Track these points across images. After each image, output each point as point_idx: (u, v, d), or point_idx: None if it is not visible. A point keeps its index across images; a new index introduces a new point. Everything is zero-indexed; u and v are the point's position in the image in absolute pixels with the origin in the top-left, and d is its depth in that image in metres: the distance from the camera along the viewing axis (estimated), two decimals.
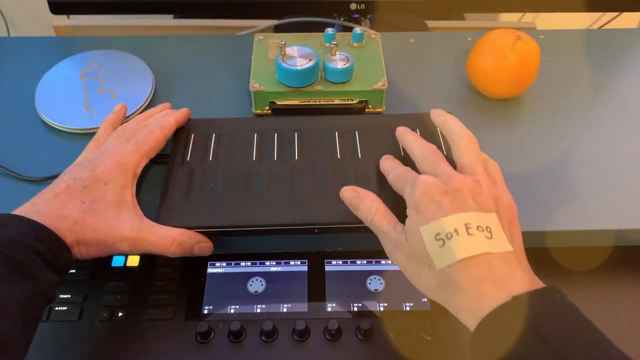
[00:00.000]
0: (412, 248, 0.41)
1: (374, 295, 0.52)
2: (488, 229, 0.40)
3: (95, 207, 0.46)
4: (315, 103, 0.60)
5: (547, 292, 0.38)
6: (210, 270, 0.54)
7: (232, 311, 0.51)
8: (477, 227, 0.40)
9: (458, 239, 0.39)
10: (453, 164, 0.46)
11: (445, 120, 0.50)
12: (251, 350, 0.48)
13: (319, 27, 0.81)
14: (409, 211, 0.43)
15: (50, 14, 0.76)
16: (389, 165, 0.49)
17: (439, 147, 0.54)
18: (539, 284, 0.39)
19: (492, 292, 0.38)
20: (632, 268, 0.54)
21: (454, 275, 0.39)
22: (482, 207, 0.41)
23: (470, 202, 0.41)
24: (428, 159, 0.46)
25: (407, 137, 0.50)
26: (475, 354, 0.39)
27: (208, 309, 0.51)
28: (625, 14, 0.91)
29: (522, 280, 0.38)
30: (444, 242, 0.39)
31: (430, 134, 0.56)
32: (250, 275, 0.53)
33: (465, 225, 0.40)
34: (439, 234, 0.40)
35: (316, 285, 0.53)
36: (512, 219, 0.43)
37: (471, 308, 0.39)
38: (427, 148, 0.47)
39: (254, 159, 0.54)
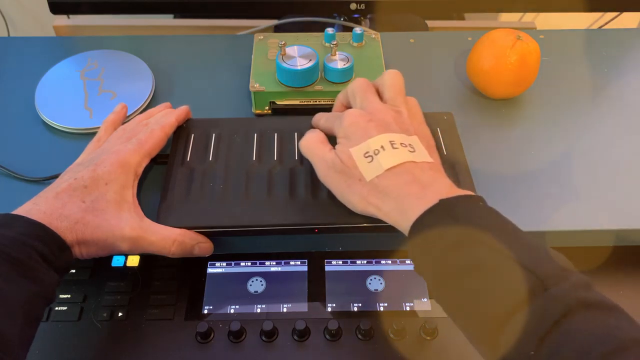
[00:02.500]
0: (344, 165, 0.45)
1: (374, 295, 0.52)
2: (410, 146, 0.45)
3: (96, 206, 0.46)
4: (315, 103, 0.60)
5: (473, 198, 0.42)
6: (210, 270, 0.54)
7: (232, 311, 0.51)
8: (401, 144, 0.45)
9: (385, 153, 0.44)
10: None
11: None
12: (251, 350, 0.48)
13: (319, 27, 0.81)
14: (339, 140, 0.47)
15: (50, 14, 0.76)
16: (318, 115, 0.54)
17: (439, 146, 0.55)
18: (457, 188, 0.43)
19: (417, 192, 0.42)
20: (632, 268, 0.54)
21: (383, 183, 0.44)
22: (404, 132, 0.46)
23: (394, 126, 0.46)
24: (360, 87, 0.50)
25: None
26: (412, 248, 0.42)
27: (208, 309, 0.51)
28: (625, 14, 0.91)
29: (444, 183, 0.43)
30: (372, 158, 0.44)
31: (431, 133, 0.56)
32: (250, 275, 0.53)
33: (390, 142, 0.45)
34: (367, 152, 0.45)
35: (316, 285, 0.53)
36: (430, 145, 0.48)
37: (399, 208, 0.43)
38: (360, 79, 0.51)
39: (254, 159, 0.54)
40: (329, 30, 0.63)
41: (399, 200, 0.43)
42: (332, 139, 0.50)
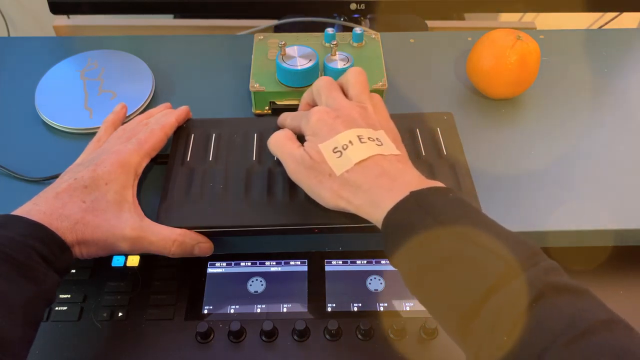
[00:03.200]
0: (313, 161, 0.46)
1: (374, 295, 0.52)
2: (378, 140, 0.46)
3: (96, 206, 0.46)
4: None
5: (443, 189, 0.43)
6: (210, 270, 0.54)
7: (232, 311, 0.51)
8: (369, 138, 0.45)
9: (353, 147, 0.45)
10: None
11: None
12: (251, 350, 0.48)
13: (319, 27, 0.81)
14: (307, 138, 0.48)
15: (50, 14, 0.76)
16: (283, 115, 0.55)
17: (439, 147, 0.55)
18: (426, 179, 0.44)
19: (388, 184, 0.43)
20: (632, 268, 0.54)
21: (353, 177, 0.44)
22: (370, 127, 0.47)
23: (360, 122, 0.47)
24: (325, 86, 0.50)
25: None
26: (386, 242, 0.42)
27: (208, 309, 0.51)
28: (625, 14, 0.91)
29: (412, 174, 0.44)
30: (341, 153, 0.45)
31: (431, 134, 0.56)
32: (250, 275, 0.53)
33: (358, 136, 0.45)
34: (336, 147, 0.45)
35: (316, 285, 0.53)
36: (396, 139, 0.49)
37: (371, 201, 0.43)
38: (324, 78, 0.52)
39: (254, 159, 0.54)
40: (329, 30, 0.63)
41: (370, 193, 0.43)
42: (300, 138, 0.50)
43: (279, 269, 0.54)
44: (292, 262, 0.54)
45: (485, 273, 0.36)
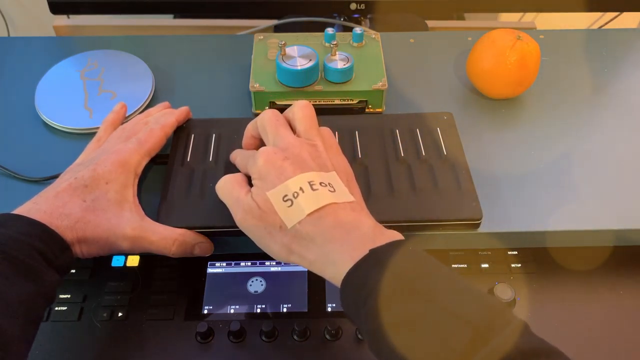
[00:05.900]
0: (262, 211, 0.42)
1: None
2: (330, 185, 0.43)
3: (97, 205, 0.46)
4: (315, 103, 0.60)
5: (402, 244, 0.40)
6: (210, 270, 0.54)
7: (232, 311, 0.51)
8: (320, 183, 0.42)
9: (304, 195, 0.41)
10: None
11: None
12: (251, 350, 0.48)
13: (319, 27, 0.81)
14: (254, 182, 0.44)
15: (50, 14, 0.77)
16: (234, 153, 0.52)
17: (439, 147, 0.55)
18: (382, 229, 0.42)
19: (342, 237, 0.40)
20: (632, 268, 0.54)
21: (305, 230, 0.41)
22: (321, 168, 0.44)
23: (311, 163, 0.44)
24: (270, 121, 0.47)
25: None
26: (346, 302, 0.40)
27: (208, 309, 0.51)
28: (625, 14, 0.91)
29: (367, 224, 0.41)
30: (292, 202, 0.41)
31: (431, 134, 0.56)
32: (250, 275, 0.53)
33: (309, 183, 0.42)
34: (286, 195, 0.42)
35: (316, 285, 0.53)
36: (349, 178, 0.46)
37: (325, 257, 0.40)
38: (268, 112, 0.48)
39: None
40: (329, 30, 0.63)
41: (323, 248, 0.40)
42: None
43: (279, 269, 0.54)
44: None
45: (452, 341, 0.34)
